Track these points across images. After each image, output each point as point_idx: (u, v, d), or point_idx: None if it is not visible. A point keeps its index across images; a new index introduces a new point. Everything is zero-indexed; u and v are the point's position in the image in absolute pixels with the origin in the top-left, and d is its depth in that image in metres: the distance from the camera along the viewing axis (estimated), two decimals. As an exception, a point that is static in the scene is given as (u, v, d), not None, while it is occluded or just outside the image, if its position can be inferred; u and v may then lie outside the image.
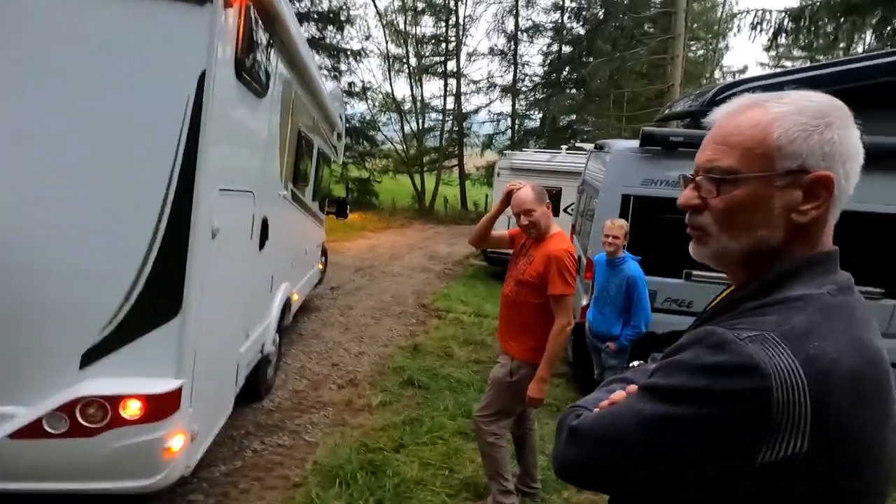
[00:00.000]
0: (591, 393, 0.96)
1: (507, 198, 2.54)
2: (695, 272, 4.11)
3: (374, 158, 21.07)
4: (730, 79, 26.10)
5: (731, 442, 0.65)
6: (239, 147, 2.59)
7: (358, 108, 20.03)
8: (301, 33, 3.46)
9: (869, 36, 8.76)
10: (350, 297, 7.45)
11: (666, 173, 4.09)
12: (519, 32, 21.48)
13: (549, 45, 21.60)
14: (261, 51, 2.58)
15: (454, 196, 22.22)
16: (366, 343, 5.56)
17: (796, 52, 27.64)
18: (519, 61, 21.92)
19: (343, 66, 18.25)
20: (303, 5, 16.31)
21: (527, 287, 2.45)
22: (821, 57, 26.22)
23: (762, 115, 0.74)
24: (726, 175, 0.75)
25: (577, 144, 10.39)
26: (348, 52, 18.30)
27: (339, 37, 17.97)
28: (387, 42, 20.85)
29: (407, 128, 22.11)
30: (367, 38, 20.27)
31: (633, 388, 0.80)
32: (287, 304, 4.32)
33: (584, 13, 20.53)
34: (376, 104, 21.55)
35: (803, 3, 8.86)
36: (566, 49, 21.32)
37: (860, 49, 16.01)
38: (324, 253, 7.32)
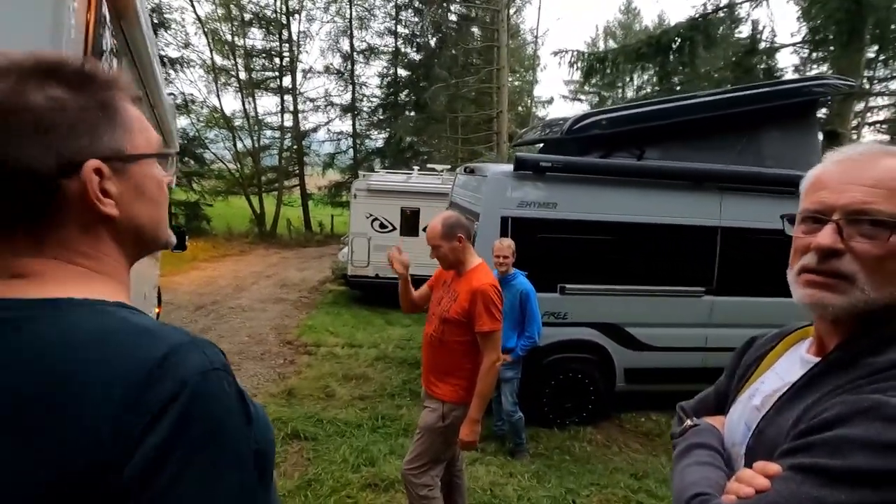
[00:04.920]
0: (684, 470, 0.85)
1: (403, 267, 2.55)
2: (568, 286, 4.45)
3: (204, 179, 18.84)
4: (541, 108, 30.09)
5: None
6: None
7: (180, 122, 17.71)
8: (151, 31, 2.82)
9: (650, 76, 11.01)
10: (197, 342, 6.39)
11: (538, 195, 4.37)
12: (355, 53, 21.47)
13: (387, 69, 22.00)
14: (108, 47, 1.98)
15: (298, 218, 21.05)
16: (228, 396, 4.79)
17: (587, 88, 33.27)
18: (356, 81, 21.89)
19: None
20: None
21: (453, 325, 2.32)
22: (607, 94, 31.84)
23: None
24: (891, 220, 0.70)
25: (429, 166, 10.69)
26: (165, 60, 16.11)
27: (151, 42, 15.70)
28: (211, 52, 18.93)
29: (240, 145, 20.29)
30: (186, 45, 18.16)
31: (774, 467, 0.71)
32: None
33: (417, 40, 21.44)
34: (201, 119, 19.36)
35: (605, 49, 10.84)
36: (404, 73, 21.95)
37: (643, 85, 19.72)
38: (158, 294, 6.17)
